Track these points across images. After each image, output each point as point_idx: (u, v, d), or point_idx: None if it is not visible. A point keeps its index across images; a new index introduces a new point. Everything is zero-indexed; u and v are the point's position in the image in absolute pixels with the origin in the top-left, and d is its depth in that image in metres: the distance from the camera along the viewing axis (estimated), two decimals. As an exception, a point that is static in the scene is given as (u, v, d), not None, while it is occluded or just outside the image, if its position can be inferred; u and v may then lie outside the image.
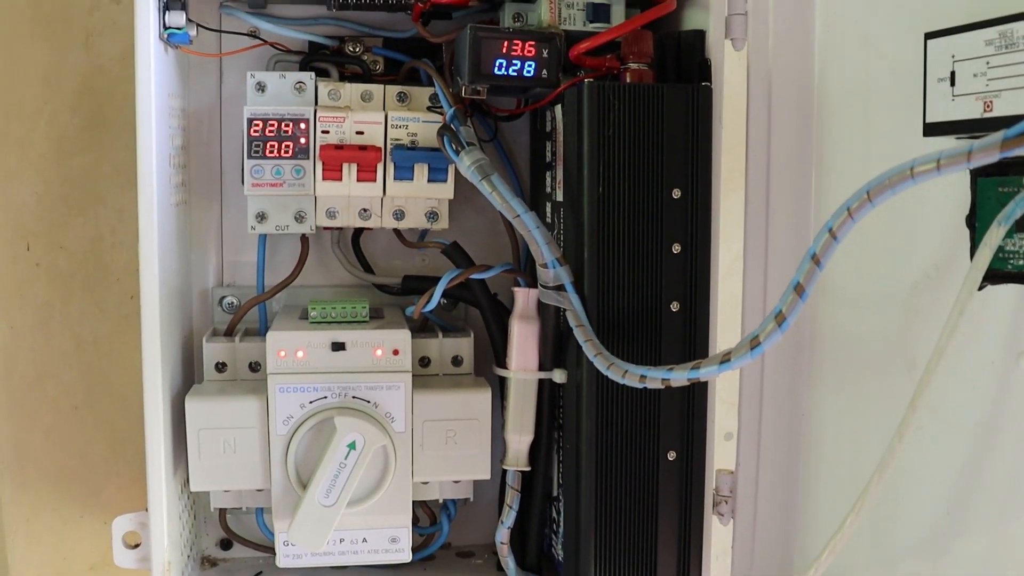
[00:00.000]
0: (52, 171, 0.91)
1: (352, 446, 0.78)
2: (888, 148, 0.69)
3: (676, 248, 0.76)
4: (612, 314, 0.75)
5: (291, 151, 0.81)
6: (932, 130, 0.61)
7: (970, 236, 0.60)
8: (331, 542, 0.80)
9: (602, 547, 0.77)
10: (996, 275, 0.58)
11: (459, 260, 0.85)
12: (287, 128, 0.81)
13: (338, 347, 0.80)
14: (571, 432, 0.79)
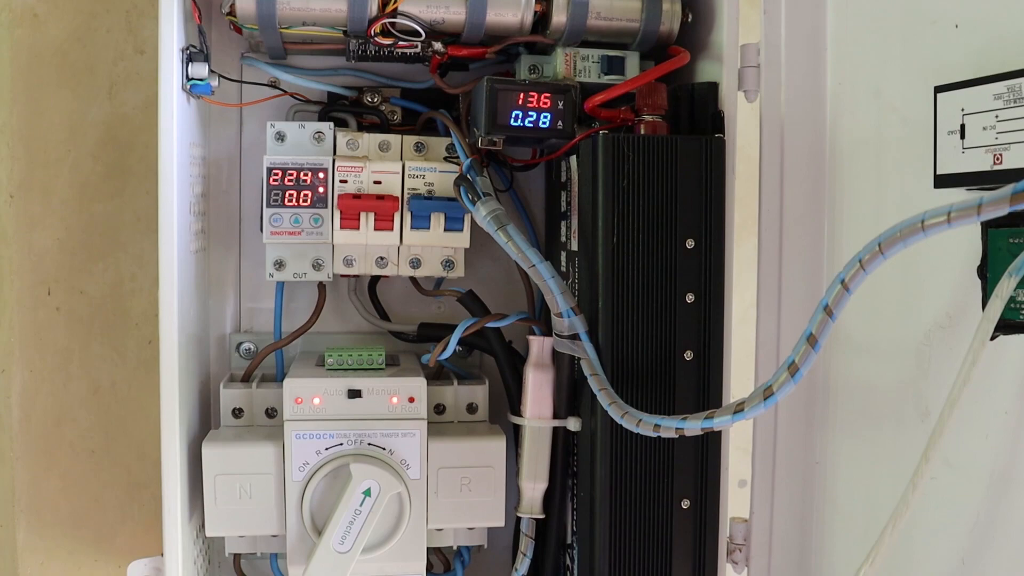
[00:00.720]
0: (74, 217, 0.93)
1: (367, 493, 0.78)
2: (899, 199, 0.70)
3: (690, 297, 0.76)
4: (626, 363, 0.76)
5: (310, 200, 0.82)
6: (943, 182, 0.62)
7: (982, 286, 0.61)
8: (345, 588, 0.81)
9: (616, 596, 0.77)
10: (1008, 325, 0.58)
11: (475, 308, 0.86)
12: (306, 177, 0.82)
13: (354, 394, 0.81)
14: (585, 480, 0.79)
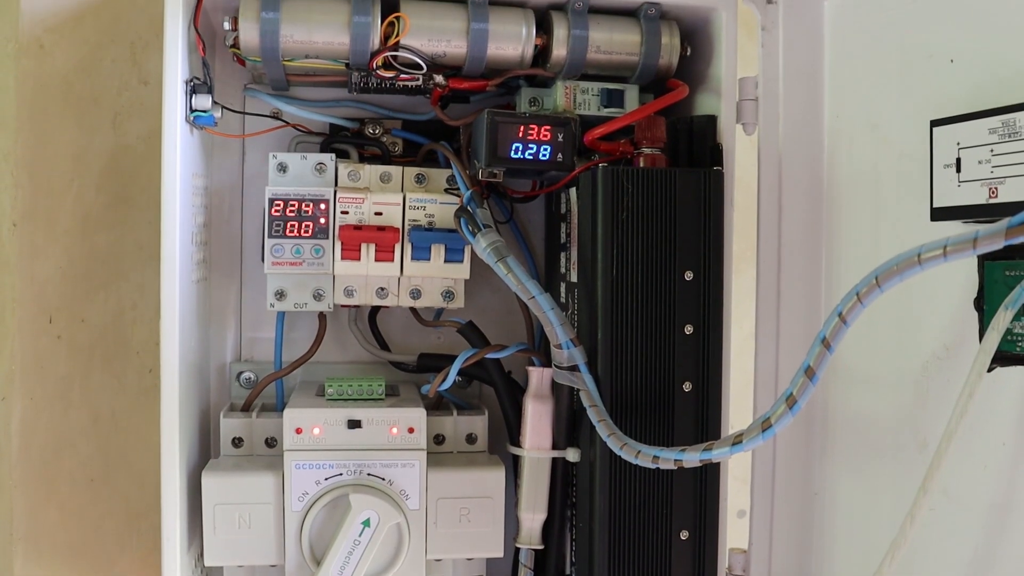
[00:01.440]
0: (76, 247, 0.93)
1: (367, 523, 0.78)
2: (896, 232, 0.70)
3: (688, 329, 0.77)
4: (625, 394, 0.76)
5: (311, 231, 0.83)
6: (939, 215, 0.62)
7: (978, 318, 0.61)
8: (344, 619, 0.80)
9: (615, 627, 0.77)
10: (1005, 357, 0.59)
11: (474, 339, 0.86)
12: (307, 208, 0.83)
13: (354, 424, 0.81)
14: (584, 511, 0.79)
